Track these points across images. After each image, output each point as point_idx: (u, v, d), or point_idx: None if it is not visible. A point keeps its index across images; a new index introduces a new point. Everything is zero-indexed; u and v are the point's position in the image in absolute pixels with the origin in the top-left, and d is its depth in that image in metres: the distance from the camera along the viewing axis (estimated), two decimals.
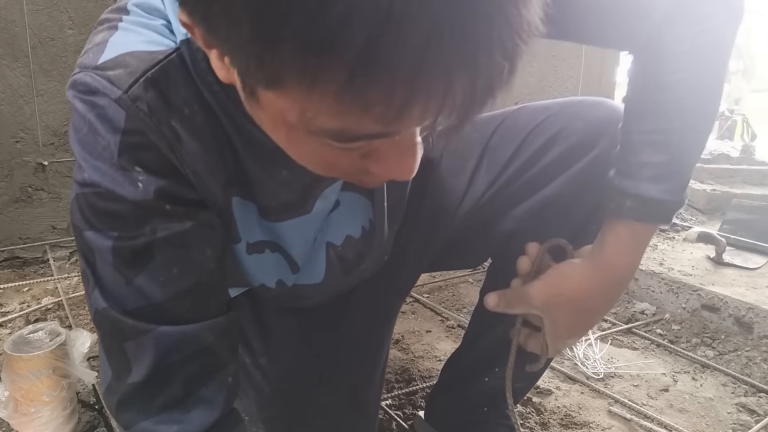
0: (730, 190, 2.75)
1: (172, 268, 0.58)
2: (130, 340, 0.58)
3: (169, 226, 0.57)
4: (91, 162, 0.55)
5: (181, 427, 0.60)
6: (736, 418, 1.22)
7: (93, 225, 0.56)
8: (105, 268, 0.57)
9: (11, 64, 1.73)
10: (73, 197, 0.58)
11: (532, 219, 0.86)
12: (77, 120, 0.56)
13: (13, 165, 1.80)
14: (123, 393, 0.60)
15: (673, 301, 1.70)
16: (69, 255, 1.91)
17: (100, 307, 0.58)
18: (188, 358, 0.59)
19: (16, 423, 0.97)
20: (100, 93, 0.54)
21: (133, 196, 0.55)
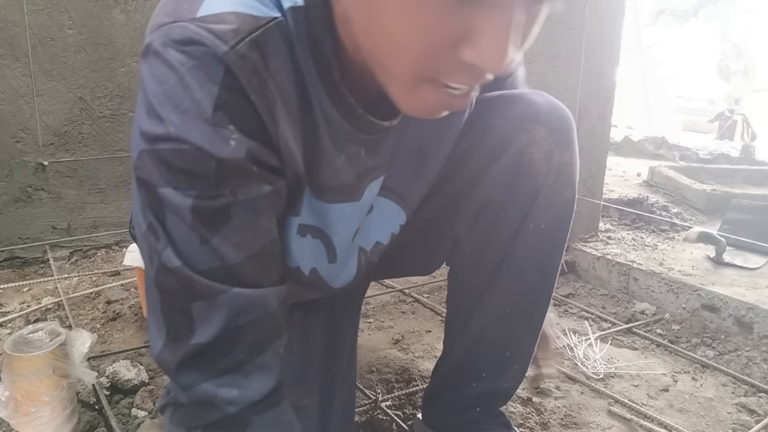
0: (730, 190, 2.76)
1: (246, 232, 0.57)
2: (200, 300, 0.57)
3: (250, 189, 0.57)
4: (177, 115, 0.53)
5: (241, 392, 0.60)
6: (736, 418, 1.22)
7: (170, 182, 0.54)
8: (180, 227, 0.56)
9: (11, 64, 1.73)
10: (144, 151, 0.55)
11: (473, 220, 0.88)
12: (163, 71, 0.53)
13: (13, 165, 1.80)
14: (185, 353, 0.58)
15: (673, 301, 1.70)
16: (69, 255, 1.91)
17: (172, 265, 0.56)
18: (255, 322, 0.59)
19: (16, 423, 0.97)
20: (201, 45, 0.52)
21: (222, 154, 0.54)
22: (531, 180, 0.84)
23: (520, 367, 1.00)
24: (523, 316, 0.94)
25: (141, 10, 1.86)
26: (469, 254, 0.93)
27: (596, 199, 2.11)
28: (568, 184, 0.86)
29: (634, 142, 4.18)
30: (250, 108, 0.55)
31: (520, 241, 0.87)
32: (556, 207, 0.86)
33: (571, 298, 1.81)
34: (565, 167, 0.85)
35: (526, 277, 0.91)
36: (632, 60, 6.85)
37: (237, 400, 0.60)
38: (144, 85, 0.55)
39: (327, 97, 0.61)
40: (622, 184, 3.01)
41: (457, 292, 1.00)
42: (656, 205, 2.58)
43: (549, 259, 0.91)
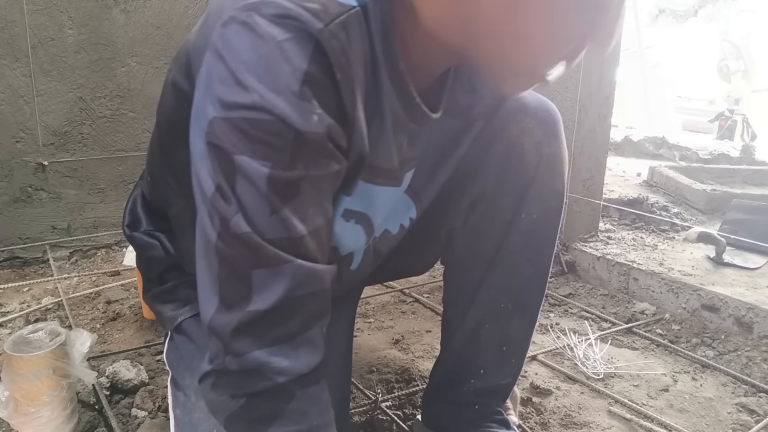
0: (730, 190, 2.76)
1: (310, 207, 0.59)
2: (264, 268, 0.58)
3: (321, 165, 0.59)
4: (264, 85, 0.54)
5: (290, 362, 0.60)
6: (736, 418, 1.22)
7: (246, 150, 0.55)
8: (252, 194, 0.56)
9: (11, 64, 1.73)
10: (218, 119, 0.56)
11: (467, 213, 0.91)
12: (251, 41, 0.55)
13: (13, 165, 1.80)
14: (242, 320, 0.59)
15: (673, 301, 1.70)
16: (69, 255, 1.91)
17: (241, 231, 0.57)
18: (311, 295, 0.61)
19: (16, 423, 0.97)
20: (296, 20, 0.54)
21: (304, 127, 0.55)
22: (522, 170, 0.87)
23: (517, 361, 1.01)
24: (519, 309, 0.96)
25: (141, 10, 1.86)
26: (463, 248, 0.95)
27: (596, 199, 2.11)
28: (557, 175, 0.89)
29: (634, 142, 4.18)
30: (334, 86, 0.57)
31: (514, 232, 0.90)
32: (547, 197, 0.89)
33: (571, 298, 1.81)
34: (554, 158, 0.88)
35: (520, 271, 0.93)
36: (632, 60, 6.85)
37: (287, 370, 0.60)
38: (222, 53, 0.56)
39: (391, 85, 0.65)
40: (622, 184, 3.00)
41: (452, 288, 1.01)
42: (656, 205, 2.58)
43: (542, 250, 0.93)
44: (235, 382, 0.62)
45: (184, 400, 0.83)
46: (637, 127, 5.46)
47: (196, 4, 1.95)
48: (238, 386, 0.62)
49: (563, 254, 1.99)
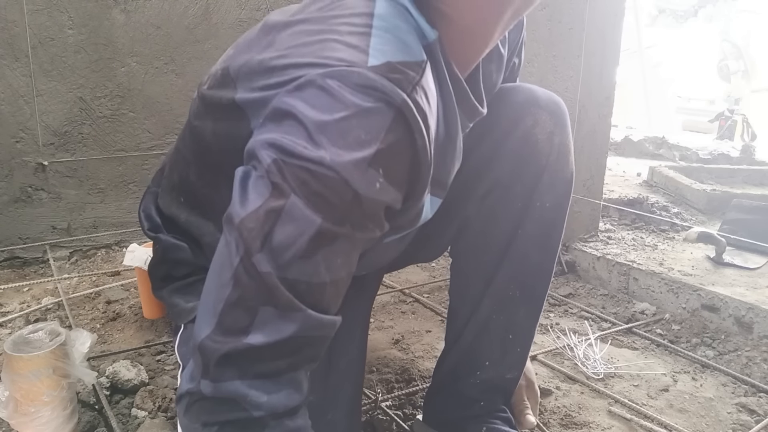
0: (730, 190, 2.76)
1: (339, 258, 0.60)
2: (273, 308, 0.58)
3: (366, 229, 0.61)
4: (338, 148, 0.55)
5: (269, 399, 0.60)
6: (736, 418, 1.22)
7: (304, 197, 0.56)
8: (292, 237, 0.57)
9: (11, 64, 1.73)
10: (283, 162, 0.56)
11: (481, 201, 0.94)
12: (331, 105, 0.56)
13: (13, 165, 1.80)
14: (233, 349, 0.59)
15: (673, 301, 1.70)
16: (69, 255, 1.91)
17: (262, 269, 0.57)
18: (307, 342, 0.61)
19: (16, 423, 0.97)
20: (381, 91, 0.56)
21: (366, 192, 0.57)
22: (536, 159, 0.91)
23: (522, 351, 1.02)
24: (526, 297, 0.98)
25: (141, 10, 1.86)
26: (476, 236, 0.97)
27: (596, 199, 2.11)
28: (567, 164, 0.94)
29: (634, 142, 4.18)
30: (412, 155, 0.60)
31: (527, 220, 0.93)
32: (558, 185, 0.93)
33: (571, 298, 1.81)
34: (564, 148, 0.93)
35: (530, 258, 0.95)
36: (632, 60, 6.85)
37: (264, 406, 0.60)
38: (295, 110, 0.57)
39: (457, 105, 0.70)
40: (622, 184, 3.00)
41: (462, 279, 1.02)
42: (656, 205, 2.58)
43: (550, 238, 0.96)
44: (209, 408, 0.61)
45: None
46: (637, 127, 5.46)
47: (196, 4, 1.95)
48: (210, 413, 0.61)
49: (563, 254, 1.99)
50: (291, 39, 0.65)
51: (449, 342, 1.06)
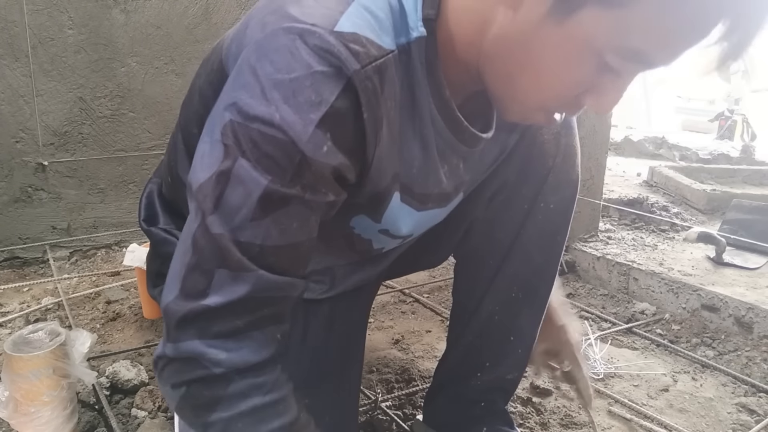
0: (730, 190, 2.76)
1: (294, 222, 0.61)
2: (226, 269, 0.60)
3: (318, 193, 0.61)
4: (288, 106, 0.56)
5: (229, 355, 0.62)
6: (736, 418, 1.22)
7: (251, 158, 0.58)
8: (241, 199, 0.58)
9: (11, 64, 1.73)
10: (235, 123, 0.58)
11: (488, 202, 0.94)
12: (288, 63, 0.57)
13: (13, 165, 1.80)
14: (190, 311, 0.61)
15: (673, 301, 1.70)
16: (69, 255, 1.91)
17: (214, 231, 0.59)
18: (265, 301, 0.62)
19: (16, 423, 0.97)
20: (335, 57, 0.57)
21: (311, 154, 0.58)
22: (542, 160, 0.91)
23: (523, 352, 1.02)
24: (529, 299, 0.97)
25: (141, 10, 1.86)
26: (481, 238, 0.97)
27: (596, 199, 2.11)
28: (573, 165, 0.93)
29: (634, 142, 4.18)
30: (357, 125, 0.60)
31: (530, 221, 0.93)
32: (564, 187, 0.93)
33: (571, 298, 1.81)
34: (570, 149, 0.93)
35: (533, 260, 0.95)
36: None
37: (224, 362, 0.61)
38: (256, 66, 0.58)
39: (438, 113, 0.69)
40: (622, 184, 3.00)
41: (466, 280, 1.02)
42: (656, 205, 2.58)
43: (554, 240, 0.96)
44: (175, 369, 0.63)
45: None
46: (637, 127, 5.45)
47: (196, 4, 1.95)
48: (177, 374, 0.63)
49: (563, 254, 1.99)
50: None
51: (451, 342, 1.06)
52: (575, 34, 0.57)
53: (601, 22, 0.55)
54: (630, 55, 0.57)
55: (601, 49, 0.57)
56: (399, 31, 0.63)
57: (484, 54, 0.65)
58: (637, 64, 0.58)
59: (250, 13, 0.70)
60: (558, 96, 0.64)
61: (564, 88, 0.63)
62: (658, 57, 0.57)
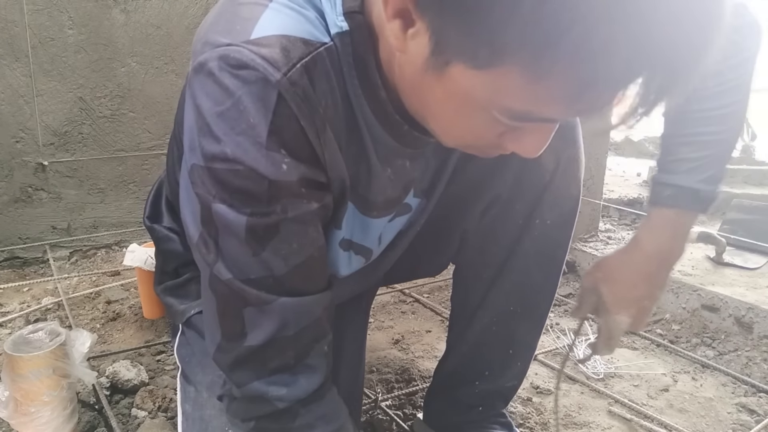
0: (730, 190, 2.75)
1: (293, 242, 0.61)
2: (252, 307, 0.61)
3: (299, 206, 0.60)
4: (233, 138, 0.55)
5: (289, 390, 0.64)
6: (736, 418, 1.22)
7: (225, 200, 0.57)
8: (232, 241, 0.59)
9: (11, 64, 1.73)
10: (198, 167, 0.57)
11: (481, 216, 0.90)
12: (218, 93, 0.55)
13: (13, 165, 1.80)
14: (239, 354, 0.63)
15: (673, 301, 1.70)
16: (69, 255, 1.91)
17: (224, 277, 0.60)
18: (302, 330, 0.63)
19: (16, 423, 0.97)
20: (254, 70, 0.54)
21: (274, 176, 0.56)
22: (539, 174, 0.85)
23: (523, 364, 1.01)
24: (527, 314, 0.95)
25: (141, 10, 1.86)
26: (475, 250, 0.94)
27: (596, 199, 2.11)
28: (574, 180, 0.87)
29: (634, 142, 4.17)
30: (301, 133, 0.57)
31: (526, 237, 0.89)
32: (562, 203, 0.87)
33: (571, 298, 1.81)
34: (570, 163, 0.86)
35: (531, 275, 0.92)
36: None
37: (286, 397, 0.64)
38: (197, 101, 0.57)
39: (373, 116, 0.63)
40: (622, 184, 3.00)
41: (461, 289, 1.01)
42: None
43: (553, 256, 0.91)
44: (243, 407, 0.67)
45: (196, 395, 0.83)
46: (637, 127, 5.45)
47: (196, 4, 1.95)
48: (245, 411, 0.67)
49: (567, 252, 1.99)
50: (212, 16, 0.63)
51: (450, 345, 1.05)
52: (455, 90, 0.50)
53: (473, 81, 0.47)
54: (516, 116, 0.49)
55: (485, 106, 0.50)
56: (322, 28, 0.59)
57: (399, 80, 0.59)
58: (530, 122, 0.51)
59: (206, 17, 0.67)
60: (471, 144, 0.58)
61: (470, 138, 0.56)
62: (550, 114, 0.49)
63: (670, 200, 0.77)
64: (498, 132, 0.54)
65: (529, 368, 1.03)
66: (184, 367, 0.88)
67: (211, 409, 0.80)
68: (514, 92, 0.46)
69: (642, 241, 0.82)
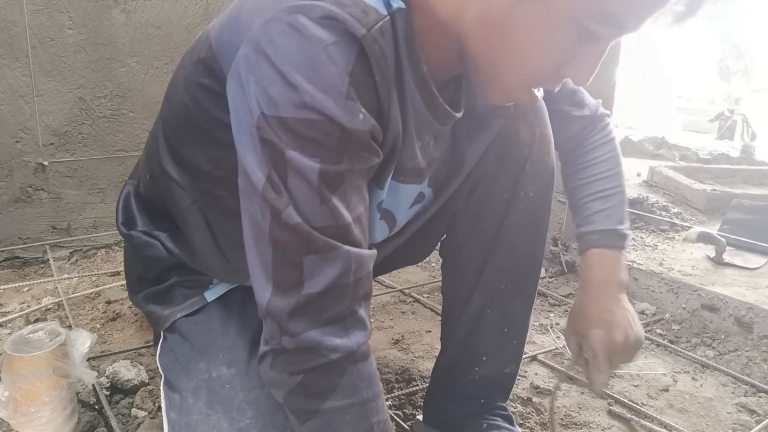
0: (730, 190, 2.75)
1: (353, 195, 0.64)
2: (314, 254, 0.62)
3: (364, 159, 0.63)
4: (314, 86, 0.57)
5: (342, 341, 0.65)
6: (736, 418, 1.22)
7: (297, 147, 0.59)
8: (302, 187, 0.60)
9: (11, 64, 1.73)
10: (269, 116, 0.59)
11: (468, 195, 0.95)
12: (299, 42, 0.57)
13: (13, 165, 1.80)
14: (298, 302, 0.63)
15: (673, 301, 1.70)
16: (69, 255, 1.91)
17: (293, 221, 0.61)
18: (359, 280, 0.65)
19: (16, 423, 0.97)
20: (342, 23, 0.58)
21: (350, 125, 0.59)
22: (518, 149, 0.93)
23: (519, 343, 1.03)
24: (518, 289, 0.99)
25: (141, 10, 1.86)
26: (465, 231, 0.98)
27: None
28: (548, 153, 0.95)
29: (634, 142, 4.17)
30: (374, 87, 0.62)
31: (513, 210, 0.95)
32: (541, 174, 0.95)
33: (571, 298, 1.81)
34: (544, 138, 0.95)
35: (518, 249, 0.97)
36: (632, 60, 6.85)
37: (340, 348, 0.65)
38: (268, 52, 0.59)
39: (416, 88, 0.70)
40: None
41: (454, 276, 1.03)
42: (656, 205, 2.58)
43: (537, 228, 0.97)
44: (293, 359, 0.66)
45: (181, 402, 0.82)
46: (637, 127, 5.45)
47: (196, 4, 1.95)
48: (295, 363, 0.66)
49: (563, 254, 1.98)
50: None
51: (445, 340, 1.06)
52: (554, 7, 0.60)
53: None
54: (606, 19, 0.60)
55: (579, 17, 0.60)
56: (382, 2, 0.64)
57: (464, 36, 0.66)
58: (613, 28, 0.61)
59: (237, 3, 0.69)
60: (539, 71, 0.66)
61: (545, 61, 0.65)
62: (630, 18, 0.60)
63: (599, 242, 0.92)
64: (566, 56, 0.64)
65: (523, 352, 1.05)
66: (167, 374, 0.87)
67: (197, 415, 0.79)
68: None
69: (588, 280, 0.94)
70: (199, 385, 0.80)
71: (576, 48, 0.63)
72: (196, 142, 0.78)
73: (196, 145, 0.78)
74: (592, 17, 0.60)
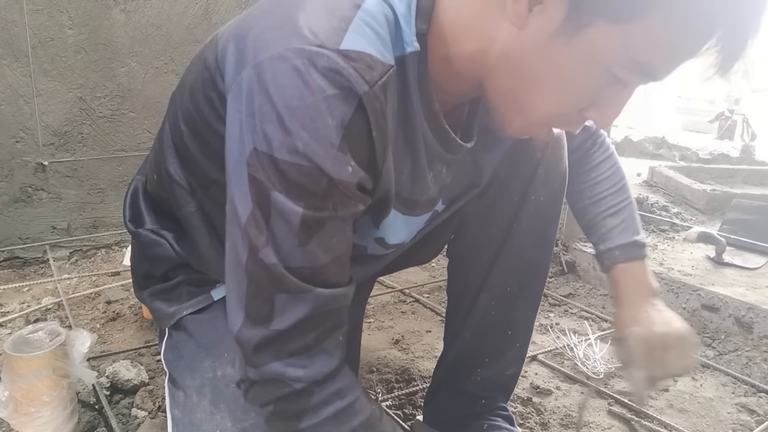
0: (730, 190, 2.76)
1: (333, 237, 0.64)
2: (285, 293, 0.63)
3: (348, 206, 0.65)
4: (307, 134, 0.58)
5: (305, 372, 0.66)
6: (736, 418, 1.22)
7: (283, 189, 0.60)
8: (283, 228, 0.61)
9: (11, 64, 1.73)
10: (262, 153, 0.59)
11: (478, 198, 0.94)
12: (301, 89, 0.58)
13: (13, 165, 1.80)
14: (264, 336, 0.65)
15: (673, 301, 1.70)
16: (69, 255, 1.91)
17: (268, 261, 0.62)
18: (326, 315, 0.66)
19: (16, 423, 0.97)
20: (345, 79, 0.58)
21: (338, 176, 0.60)
22: (531, 153, 0.93)
23: (522, 345, 1.03)
24: (524, 293, 0.99)
25: (141, 10, 1.86)
26: (474, 233, 0.98)
27: None
28: (561, 158, 0.95)
29: (634, 142, 4.18)
30: (369, 142, 0.63)
31: (522, 214, 0.95)
32: (553, 179, 0.94)
33: (571, 298, 1.81)
34: (557, 142, 0.94)
35: (525, 253, 0.96)
36: None
37: (303, 378, 0.66)
38: (270, 91, 0.59)
39: (427, 125, 0.71)
40: None
41: (461, 277, 1.03)
42: (656, 205, 2.58)
43: (545, 233, 0.97)
44: (261, 391, 0.68)
45: (185, 399, 0.82)
46: (637, 127, 5.45)
47: (196, 4, 1.95)
48: (264, 395, 0.68)
49: (563, 254, 1.98)
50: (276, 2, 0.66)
51: (448, 341, 1.06)
52: (584, 51, 0.59)
53: (610, 37, 0.56)
54: (637, 68, 0.59)
55: (609, 64, 0.59)
56: (395, 45, 0.64)
57: (487, 69, 0.66)
58: (643, 76, 0.61)
59: (251, 11, 0.70)
60: (563, 112, 0.66)
61: (570, 103, 0.64)
62: (662, 68, 0.60)
63: (621, 257, 0.92)
64: (592, 99, 0.63)
65: (526, 354, 1.05)
66: (172, 371, 0.87)
67: (201, 413, 0.79)
68: (647, 43, 0.56)
69: (620, 296, 0.92)
70: (204, 383, 0.81)
71: (602, 92, 0.63)
72: (201, 150, 0.77)
73: (202, 153, 0.77)
74: (624, 65, 0.59)
